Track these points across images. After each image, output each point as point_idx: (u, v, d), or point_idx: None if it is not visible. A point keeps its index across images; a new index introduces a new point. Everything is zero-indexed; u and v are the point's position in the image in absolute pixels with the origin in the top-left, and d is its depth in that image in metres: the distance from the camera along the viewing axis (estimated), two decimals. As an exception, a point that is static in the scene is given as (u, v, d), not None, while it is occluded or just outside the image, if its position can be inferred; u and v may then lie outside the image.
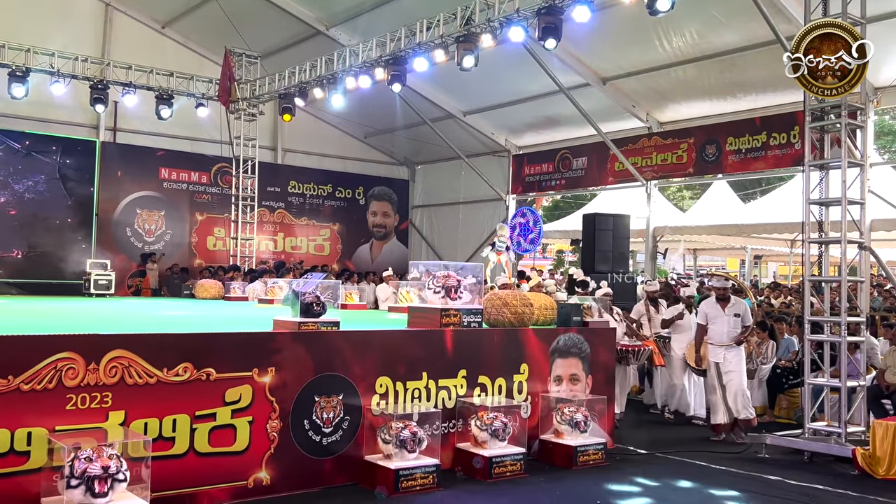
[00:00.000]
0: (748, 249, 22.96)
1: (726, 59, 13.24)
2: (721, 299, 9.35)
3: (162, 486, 5.57)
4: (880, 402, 9.19)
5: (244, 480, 6.13)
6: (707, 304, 9.44)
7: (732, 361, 9.19)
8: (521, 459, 7.20)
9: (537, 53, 13.68)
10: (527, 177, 18.97)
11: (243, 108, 17.84)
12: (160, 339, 6.01)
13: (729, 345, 9.18)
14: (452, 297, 7.51)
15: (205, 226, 19.53)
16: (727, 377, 9.16)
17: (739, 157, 14.44)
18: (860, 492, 6.97)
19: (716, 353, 9.28)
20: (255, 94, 17.30)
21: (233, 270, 16.34)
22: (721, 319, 9.26)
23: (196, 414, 5.92)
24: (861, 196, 8.68)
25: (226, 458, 6.05)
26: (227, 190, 19.08)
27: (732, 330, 9.19)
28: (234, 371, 6.12)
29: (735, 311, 9.27)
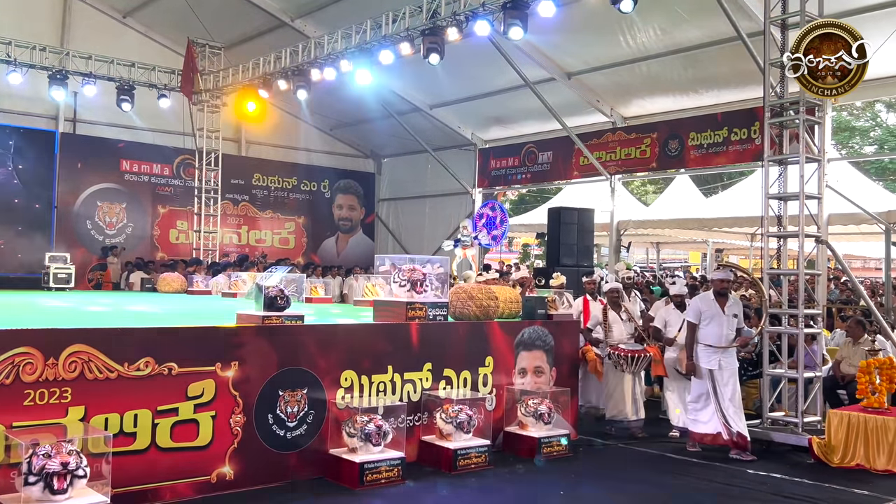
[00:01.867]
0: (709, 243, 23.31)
1: (689, 55, 13.41)
2: (720, 295, 8.14)
3: (123, 481, 5.51)
4: (836, 392, 9.40)
5: (207, 475, 6.08)
6: (702, 300, 8.21)
7: (729, 369, 8.02)
8: (486, 451, 7.24)
9: (503, 47, 13.71)
10: (493, 170, 19.03)
11: (206, 100, 17.63)
12: (121, 333, 5.94)
13: (726, 348, 8.01)
14: (418, 290, 7.52)
15: (167, 218, 19.29)
16: (723, 388, 7.97)
17: (701, 151, 14.64)
18: (816, 480, 7.13)
19: (710, 358, 7.99)
20: (219, 86, 17.10)
21: (195, 264, 16.15)
22: (718, 319, 8.02)
23: (158, 409, 5.86)
24: (818, 191, 8.85)
25: (189, 453, 6.00)
26: (189, 182, 18.85)
27: (730, 332, 8.04)
28: (196, 365, 6.07)
29: (734, 310, 8.10)
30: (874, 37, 10.32)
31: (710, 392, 8.00)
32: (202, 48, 17.43)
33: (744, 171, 18.48)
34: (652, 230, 18.96)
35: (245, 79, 15.87)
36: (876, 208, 12.74)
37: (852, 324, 9.73)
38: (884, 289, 14.63)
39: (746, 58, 10.89)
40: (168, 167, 19.20)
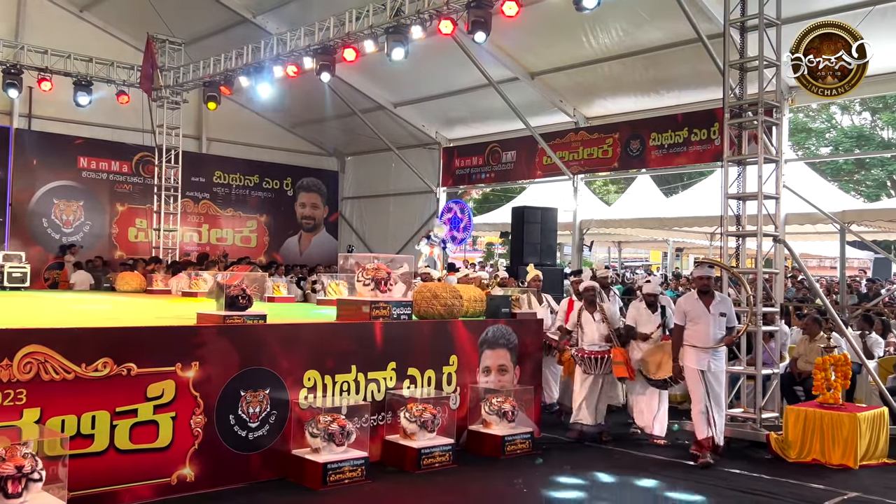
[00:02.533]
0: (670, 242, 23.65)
1: (650, 56, 13.55)
2: (703, 293, 7.81)
3: (81, 484, 5.40)
4: (793, 388, 9.60)
5: (167, 477, 5.99)
6: (686, 301, 7.92)
7: (718, 371, 7.74)
8: (450, 450, 7.24)
9: (467, 47, 13.73)
10: (457, 169, 19.04)
11: (166, 96, 17.36)
12: (78, 333, 5.82)
13: (715, 348, 7.69)
14: (382, 289, 7.49)
15: (126, 217, 18.95)
16: (714, 390, 7.68)
17: (662, 152, 14.81)
18: (773, 475, 7.26)
19: (700, 359, 7.64)
20: (179, 82, 16.85)
21: (154, 262, 15.90)
22: (704, 319, 7.69)
23: (116, 410, 5.76)
24: (776, 191, 9.02)
25: (148, 454, 5.90)
26: (149, 180, 18.53)
27: (718, 332, 7.71)
28: (156, 366, 5.97)
29: (721, 308, 7.76)
30: (830, 40, 10.56)
31: (706, 395, 7.65)
32: (162, 44, 17.15)
33: (703, 171, 18.76)
34: (614, 229, 19.15)
35: (206, 75, 15.66)
36: (831, 208, 13.02)
37: (808, 321, 9.94)
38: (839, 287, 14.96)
39: (706, 59, 11.04)
40: (127, 164, 18.86)
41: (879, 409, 8.16)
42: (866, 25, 10.27)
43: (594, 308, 8.69)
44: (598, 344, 8.53)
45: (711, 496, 6.57)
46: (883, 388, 8.89)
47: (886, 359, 10.13)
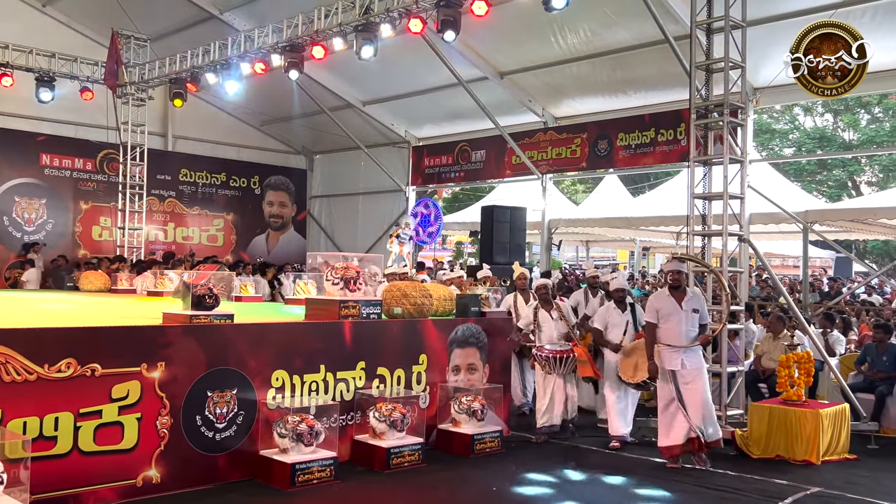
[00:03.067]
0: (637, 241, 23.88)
1: (618, 57, 13.66)
2: (674, 289, 7.52)
3: (43, 487, 5.31)
4: (757, 386, 9.74)
5: (133, 479, 5.91)
6: (658, 297, 7.66)
7: (693, 369, 7.38)
8: (419, 449, 7.24)
9: (437, 46, 13.72)
10: (426, 168, 19.03)
11: (132, 93, 17.12)
12: (41, 333, 5.72)
13: (688, 346, 7.38)
14: (352, 288, 7.46)
15: (90, 215, 18.65)
16: (687, 389, 7.35)
17: (629, 152, 14.95)
18: (738, 471, 7.36)
19: (671, 358, 7.37)
20: (145, 79, 16.62)
21: (118, 261, 15.67)
22: (676, 316, 7.40)
23: (80, 411, 5.67)
24: (741, 191, 9.15)
25: (113, 456, 5.82)
26: (113, 177, 18.27)
27: (691, 329, 7.42)
28: (121, 366, 5.88)
29: (694, 305, 7.47)
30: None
31: (675, 395, 7.36)
32: (127, 39, 16.90)
33: (670, 171, 18.97)
34: (582, 229, 19.30)
35: (172, 72, 15.47)
36: (794, 208, 13.25)
37: (772, 319, 10.09)
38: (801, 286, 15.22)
39: (673, 60, 11.16)
40: (91, 162, 18.57)
41: (841, 405, 8.32)
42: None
43: (550, 306, 8.53)
44: (558, 343, 8.38)
45: (677, 493, 6.64)
46: (844, 385, 9.07)
47: (848, 356, 10.33)
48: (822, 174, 33.50)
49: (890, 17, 10.65)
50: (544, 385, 8.44)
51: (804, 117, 35.04)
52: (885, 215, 14.28)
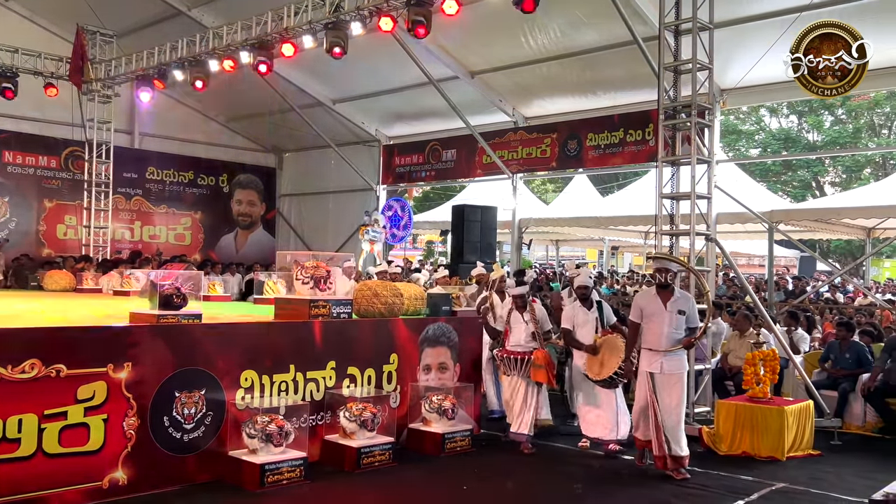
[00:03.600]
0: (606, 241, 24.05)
1: (587, 57, 13.74)
2: (662, 288, 7.17)
3: (7, 490, 5.23)
4: (724, 383, 9.87)
5: (99, 481, 5.83)
6: (643, 296, 7.35)
7: (671, 374, 7.03)
8: (390, 449, 7.23)
9: (407, 44, 13.70)
10: (397, 167, 19.00)
11: (97, 90, 16.86)
12: (4, 333, 5.63)
13: (668, 350, 7.02)
14: (322, 287, 7.43)
15: (54, 213, 18.35)
16: (663, 395, 7.02)
17: (599, 152, 15.05)
18: (705, 468, 7.45)
19: (650, 360, 7.08)
20: (111, 75, 16.38)
21: (84, 261, 15.43)
22: (659, 317, 7.05)
23: (45, 413, 5.57)
24: (708, 191, 9.25)
25: (78, 458, 5.73)
26: (78, 175, 17.99)
27: (674, 332, 7.03)
28: (87, 367, 5.80)
29: (680, 306, 7.08)
30: (759, 45, 10.90)
31: (651, 399, 7.05)
32: (93, 35, 16.64)
33: (638, 171, 19.15)
34: (552, 228, 19.41)
35: (139, 68, 15.27)
36: (760, 208, 13.44)
37: (739, 318, 10.23)
38: (767, 285, 15.44)
39: (642, 61, 11.25)
40: (55, 159, 18.27)
41: (805, 402, 8.46)
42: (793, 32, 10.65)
43: (524, 309, 8.24)
44: (523, 345, 8.08)
45: (644, 489, 6.71)
46: (808, 382, 9.22)
47: (812, 354, 10.51)
48: (786, 175, 34.05)
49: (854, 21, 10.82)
50: (514, 392, 8.09)
51: (770, 118, 35.59)
52: (848, 215, 14.55)
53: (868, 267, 20.69)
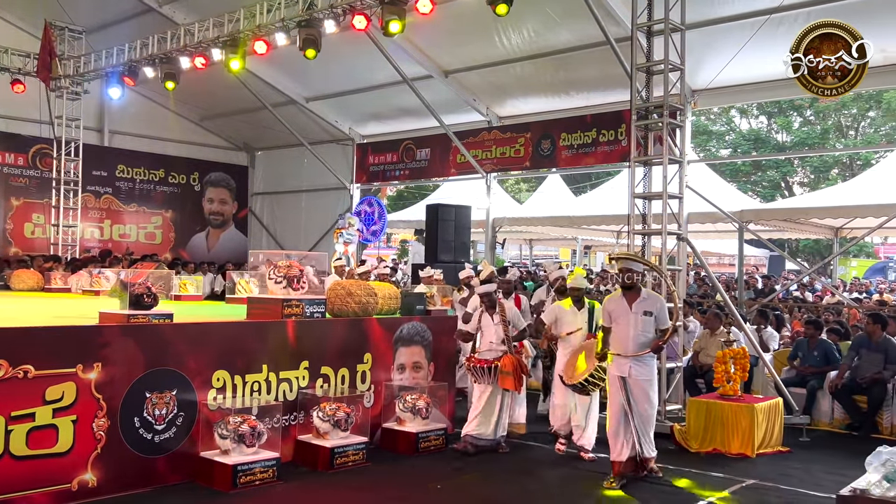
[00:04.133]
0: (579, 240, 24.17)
1: (560, 57, 13.80)
2: (627, 289, 6.89)
3: (-28, 494, 5.13)
4: (695, 381, 9.97)
5: (68, 483, 5.74)
6: (610, 299, 7.02)
7: (641, 379, 6.78)
8: (364, 448, 7.21)
9: (381, 43, 13.66)
10: (371, 166, 18.94)
11: (66, 86, 16.62)
12: (-31, 334, 5.52)
13: (636, 355, 6.75)
14: (295, 287, 7.39)
15: (22, 211, 18.06)
16: (635, 399, 6.80)
17: (572, 152, 15.12)
18: (677, 465, 7.52)
19: (620, 364, 6.81)
20: (80, 72, 16.16)
21: (52, 260, 15.20)
22: (624, 319, 6.80)
23: (12, 415, 5.48)
24: (679, 191, 9.34)
25: (47, 460, 5.64)
26: (47, 173, 17.73)
27: (641, 334, 6.75)
28: (55, 367, 5.71)
29: (646, 307, 6.79)
30: (729, 46, 11.04)
31: (625, 404, 6.83)
32: (61, 31, 16.41)
33: (611, 171, 19.26)
34: (525, 227, 19.47)
35: (108, 65, 15.07)
36: (730, 208, 13.59)
37: (709, 317, 10.34)
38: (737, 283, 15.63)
39: (614, 62, 11.33)
40: (23, 157, 17.98)
41: (775, 399, 8.57)
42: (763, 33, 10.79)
43: (494, 310, 7.88)
44: (494, 349, 7.77)
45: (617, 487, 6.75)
46: (778, 380, 9.34)
47: (781, 351, 10.65)
48: (756, 175, 34.47)
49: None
50: (480, 397, 7.82)
51: (740, 119, 36.00)
52: (816, 215, 14.77)
53: (836, 266, 21.03)
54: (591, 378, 7.25)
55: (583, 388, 7.39)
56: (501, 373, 7.62)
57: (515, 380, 7.62)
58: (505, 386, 7.65)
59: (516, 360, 7.70)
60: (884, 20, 10.48)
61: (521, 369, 7.76)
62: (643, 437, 6.88)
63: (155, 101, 19.49)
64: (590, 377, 7.24)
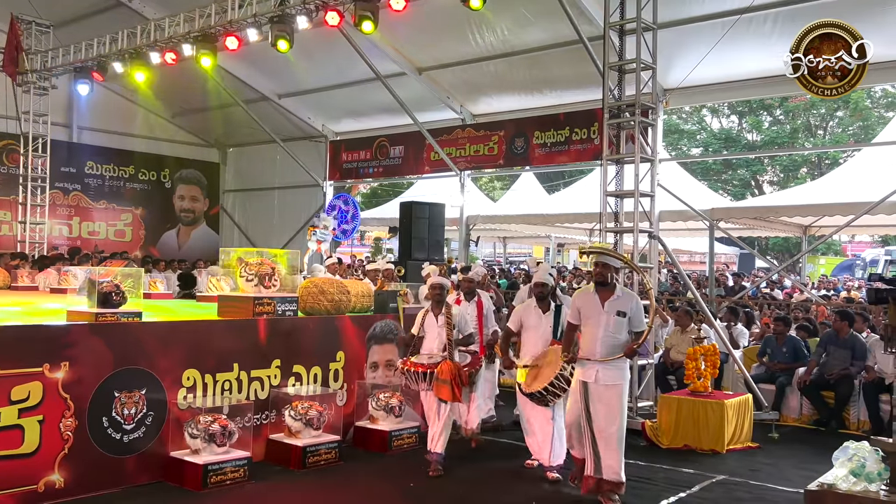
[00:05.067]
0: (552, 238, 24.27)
1: (534, 56, 13.82)
2: (600, 285, 6.16)
3: (-66, 497, 5.03)
4: (666, 378, 10.05)
5: (34, 484, 5.65)
6: (580, 295, 6.34)
7: (608, 384, 6.02)
8: (336, 447, 7.18)
9: (354, 40, 13.60)
10: (344, 163, 18.86)
11: (33, 81, 16.34)
12: (-69, 334, 5.40)
13: (605, 360, 6.01)
14: (266, 284, 7.33)
15: (-12, 208, 17.77)
16: (597, 408, 6.02)
17: (545, 150, 15.17)
18: (648, 461, 7.59)
19: (586, 368, 6.11)
20: (47, 67, 15.90)
21: (19, 258, 14.94)
22: (595, 319, 6.10)
23: (-24, 415, 5.38)
24: (651, 189, 9.41)
25: (12, 461, 5.55)
26: (13, 169, 17.42)
27: (612, 336, 6.03)
28: (21, 367, 5.62)
29: (620, 307, 6.07)
30: (700, 46, 11.12)
31: (583, 414, 6.10)
32: (28, 25, 16.13)
33: (584, 169, 19.35)
34: (499, 225, 19.50)
35: (77, 60, 14.84)
36: (701, 206, 13.71)
37: (680, 314, 10.43)
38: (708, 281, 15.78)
39: (587, 61, 11.38)
40: (-11, 152, 17.70)
41: (744, 395, 8.67)
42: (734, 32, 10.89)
43: (440, 310, 7.16)
44: (435, 354, 7.07)
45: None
46: (748, 376, 9.45)
47: (751, 348, 10.78)
48: (727, 174, 34.85)
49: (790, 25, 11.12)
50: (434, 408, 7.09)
51: (711, 118, 36.37)
52: (786, 213, 14.95)
53: (804, 264, 21.31)
54: (551, 386, 6.36)
55: (542, 398, 6.47)
56: (437, 380, 6.83)
57: (452, 389, 6.76)
58: (440, 395, 6.84)
59: (455, 367, 6.86)
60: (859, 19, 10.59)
61: (461, 378, 6.85)
62: (606, 456, 5.95)
63: (125, 97, 19.27)
64: (550, 385, 6.35)
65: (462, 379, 6.87)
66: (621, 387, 6.11)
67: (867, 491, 5.07)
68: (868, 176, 13.47)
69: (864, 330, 9.88)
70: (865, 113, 30.85)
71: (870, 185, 12.50)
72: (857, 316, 10.00)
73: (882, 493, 5.04)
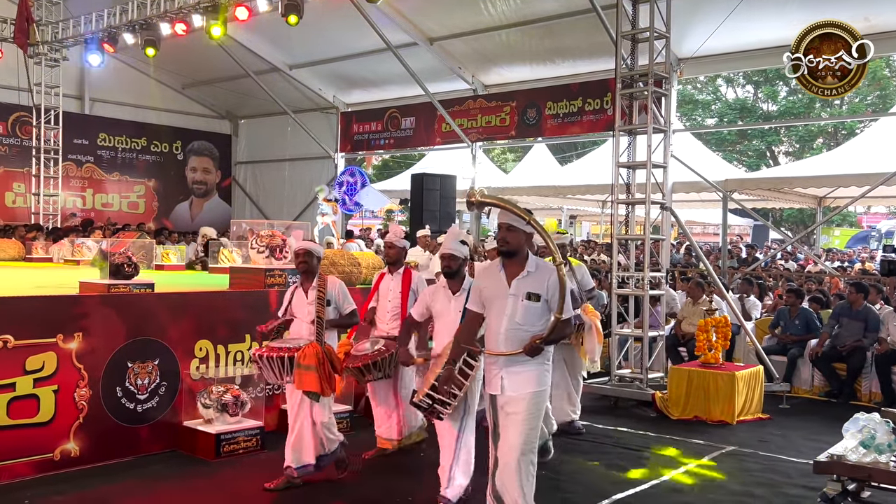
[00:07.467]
0: (564, 209, 24.16)
1: (546, 25, 13.68)
2: (507, 256, 4.36)
3: (-48, 464, 5.11)
4: (677, 349, 10.06)
5: (50, 453, 5.74)
6: (486, 270, 4.59)
7: (513, 395, 4.25)
8: (348, 417, 7.25)
9: (365, 9, 13.49)
10: (356, 135, 18.81)
11: (44, 53, 16.33)
12: (-53, 304, 5.46)
13: (511, 354, 4.22)
14: (277, 256, 7.36)
15: (2, 180, 17.92)
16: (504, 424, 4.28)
17: (558, 121, 15.06)
18: (658, 432, 7.62)
19: (489, 373, 4.40)
20: (58, 38, 15.87)
21: (34, 230, 15.05)
22: (499, 303, 4.31)
23: (-8, 385, 5.46)
24: (664, 160, 9.33)
25: (28, 430, 5.63)
26: (27, 141, 17.49)
27: (518, 328, 4.26)
28: (35, 337, 5.68)
29: (530, 287, 4.27)
30: (715, 14, 10.97)
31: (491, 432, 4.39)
32: (38, -4, 16.10)
33: (596, 140, 19.23)
34: (511, 197, 19.38)
35: (87, 31, 14.81)
36: (715, 177, 13.61)
37: (692, 285, 10.40)
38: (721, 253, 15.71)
39: (600, 30, 11.25)
40: (1, 125, 17.77)
41: (755, 367, 8.66)
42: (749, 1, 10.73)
43: (310, 284, 5.73)
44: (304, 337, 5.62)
45: (596, 454, 6.81)
46: (759, 348, 9.43)
47: (763, 320, 10.74)
48: (741, 144, 34.50)
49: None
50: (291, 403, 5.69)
51: (726, 88, 35.94)
52: (800, 184, 14.82)
53: (819, 235, 21.17)
54: (434, 391, 4.64)
55: (429, 409, 4.73)
56: (299, 367, 5.36)
57: (321, 378, 5.35)
58: (304, 387, 5.38)
59: (324, 350, 5.46)
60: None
61: (333, 364, 5.51)
62: (505, 491, 4.23)
63: (136, 69, 19.22)
64: (432, 390, 4.65)
65: (335, 365, 5.53)
66: (530, 398, 4.25)
67: (877, 462, 5.08)
68: (885, 146, 13.32)
69: (878, 302, 9.82)
70: (884, 82, 30.38)
71: (886, 156, 12.36)
72: (871, 288, 9.94)
73: (892, 463, 5.05)
